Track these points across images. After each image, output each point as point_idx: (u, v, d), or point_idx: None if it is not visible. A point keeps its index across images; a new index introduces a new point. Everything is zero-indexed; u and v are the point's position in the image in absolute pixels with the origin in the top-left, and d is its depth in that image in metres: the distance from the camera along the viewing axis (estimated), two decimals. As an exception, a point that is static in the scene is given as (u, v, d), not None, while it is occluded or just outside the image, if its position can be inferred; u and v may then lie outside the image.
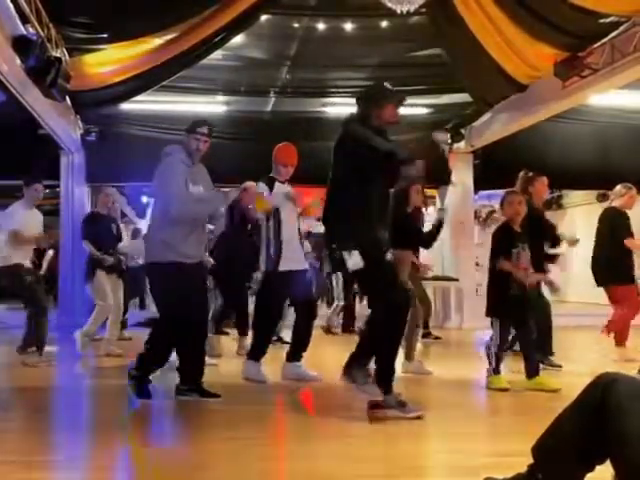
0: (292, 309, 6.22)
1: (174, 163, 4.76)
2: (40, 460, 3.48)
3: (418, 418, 4.22)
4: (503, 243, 5.36)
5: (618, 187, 7.12)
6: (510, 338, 5.84)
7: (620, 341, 6.83)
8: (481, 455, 3.52)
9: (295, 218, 5.67)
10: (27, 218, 6.66)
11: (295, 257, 5.58)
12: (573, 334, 7.07)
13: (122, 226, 8.32)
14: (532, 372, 5.30)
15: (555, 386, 5.16)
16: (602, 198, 13.03)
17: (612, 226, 6.92)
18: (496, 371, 5.30)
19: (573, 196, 15.63)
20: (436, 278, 10.75)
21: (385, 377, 4.33)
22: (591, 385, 2.37)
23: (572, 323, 7.22)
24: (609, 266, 6.85)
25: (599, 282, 6.93)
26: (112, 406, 4.79)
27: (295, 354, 5.70)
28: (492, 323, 5.38)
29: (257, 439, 3.92)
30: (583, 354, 6.79)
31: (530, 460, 2.47)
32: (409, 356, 6.04)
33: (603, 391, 2.28)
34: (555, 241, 6.40)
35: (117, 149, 10.05)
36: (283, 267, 5.51)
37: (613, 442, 2.22)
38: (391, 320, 4.31)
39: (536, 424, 2.66)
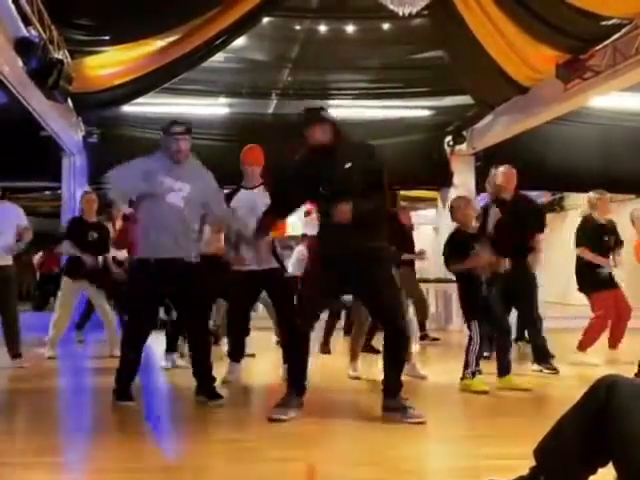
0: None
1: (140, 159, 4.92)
2: (41, 462, 3.47)
3: (420, 424, 4.22)
4: (458, 248, 5.45)
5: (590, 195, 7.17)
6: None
7: (613, 344, 6.87)
8: (482, 458, 3.51)
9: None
10: None
11: (255, 257, 5.55)
12: (575, 337, 7.09)
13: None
14: (503, 370, 5.40)
15: (525, 386, 5.32)
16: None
17: (575, 235, 7.01)
18: (474, 374, 5.30)
19: (574, 198, 15.62)
20: (438, 280, 10.75)
21: (393, 384, 4.41)
22: (593, 387, 2.37)
23: (574, 325, 7.21)
24: (580, 275, 6.93)
25: (579, 290, 7.03)
26: (113, 408, 4.79)
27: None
28: (470, 326, 5.43)
29: (257, 441, 3.92)
30: (582, 357, 6.82)
31: (531, 462, 2.47)
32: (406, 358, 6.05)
33: (606, 392, 2.28)
34: (538, 226, 6.43)
35: (119, 151, 10.04)
36: (239, 267, 5.63)
37: (616, 443, 2.22)
38: (292, 341, 4.55)
39: (537, 427, 2.66)
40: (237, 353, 5.81)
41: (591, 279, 6.82)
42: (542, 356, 6.28)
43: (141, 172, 4.79)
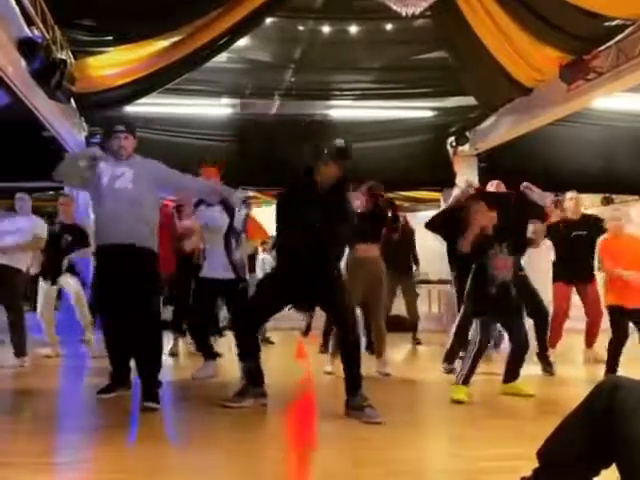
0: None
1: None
2: (46, 462, 3.48)
3: (376, 424, 4.29)
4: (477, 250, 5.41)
5: None
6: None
7: (552, 342, 6.96)
8: (483, 459, 3.51)
9: (218, 240, 5.94)
10: None
11: (215, 266, 5.93)
12: (572, 337, 7.16)
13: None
14: (510, 377, 5.34)
15: (529, 391, 5.24)
16: (606, 201, 13.02)
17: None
18: (465, 381, 5.13)
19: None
20: (440, 281, 10.75)
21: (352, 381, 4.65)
22: (596, 389, 2.37)
23: (570, 326, 7.25)
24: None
25: None
26: (117, 408, 4.79)
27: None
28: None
29: (256, 441, 3.93)
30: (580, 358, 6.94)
31: (533, 464, 2.46)
32: (378, 354, 6.28)
33: (609, 395, 2.28)
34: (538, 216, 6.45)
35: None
36: (202, 274, 6.07)
37: (620, 445, 2.21)
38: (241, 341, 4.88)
39: (538, 428, 2.66)
40: (206, 350, 6.16)
41: (553, 270, 7.11)
42: (542, 358, 6.31)
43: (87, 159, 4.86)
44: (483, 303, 5.24)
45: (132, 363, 5.04)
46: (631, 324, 5.91)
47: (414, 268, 9.50)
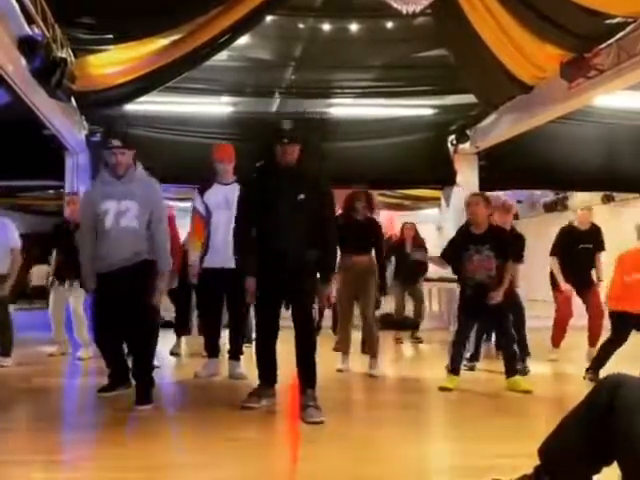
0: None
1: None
2: (47, 460, 3.49)
3: (315, 423, 4.28)
4: (452, 245, 5.67)
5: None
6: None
7: (556, 343, 7.27)
8: (485, 457, 3.51)
9: (229, 219, 5.53)
10: None
11: (220, 255, 5.69)
12: (581, 337, 7.18)
13: None
14: (509, 371, 5.47)
15: (527, 387, 5.33)
16: (607, 200, 13.03)
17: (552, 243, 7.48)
18: (454, 371, 5.45)
19: (578, 198, 15.58)
20: (441, 279, 10.75)
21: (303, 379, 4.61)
22: (598, 386, 2.37)
23: (580, 324, 7.31)
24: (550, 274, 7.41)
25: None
26: (118, 407, 4.79)
27: (231, 353, 5.94)
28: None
29: (258, 439, 3.93)
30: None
31: (534, 461, 2.46)
32: (371, 354, 6.28)
33: (611, 392, 2.28)
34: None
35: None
36: (206, 264, 5.87)
37: (621, 443, 2.21)
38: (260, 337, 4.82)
39: (538, 426, 2.66)
40: (211, 349, 6.05)
41: (553, 278, 7.28)
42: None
43: (92, 224, 4.96)
44: (463, 303, 5.58)
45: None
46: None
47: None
